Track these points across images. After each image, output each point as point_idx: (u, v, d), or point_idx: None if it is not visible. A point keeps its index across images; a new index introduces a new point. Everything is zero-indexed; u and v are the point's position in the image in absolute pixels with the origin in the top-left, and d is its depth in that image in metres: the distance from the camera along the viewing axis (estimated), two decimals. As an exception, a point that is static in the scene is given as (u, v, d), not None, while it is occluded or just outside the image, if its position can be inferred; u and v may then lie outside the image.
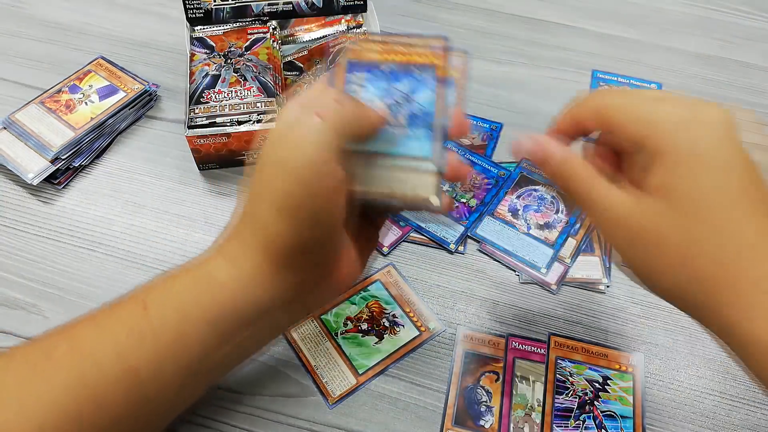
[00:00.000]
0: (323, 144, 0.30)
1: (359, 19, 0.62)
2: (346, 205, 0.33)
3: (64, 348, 0.32)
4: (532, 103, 0.62)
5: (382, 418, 0.42)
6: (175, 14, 0.66)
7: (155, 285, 0.33)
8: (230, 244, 0.33)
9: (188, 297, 0.32)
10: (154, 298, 0.33)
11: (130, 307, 0.33)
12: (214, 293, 0.32)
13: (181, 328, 0.32)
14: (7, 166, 0.53)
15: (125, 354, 0.31)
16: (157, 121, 0.59)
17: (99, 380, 0.31)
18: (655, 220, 0.30)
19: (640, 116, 0.30)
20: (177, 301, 0.32)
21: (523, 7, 0.71)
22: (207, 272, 0.33)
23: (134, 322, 0.32)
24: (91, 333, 0.32)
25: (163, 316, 0.32)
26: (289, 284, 0.33)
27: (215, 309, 0.32)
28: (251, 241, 0.32)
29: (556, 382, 0.44)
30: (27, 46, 0.64)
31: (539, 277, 0.49)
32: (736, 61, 0.66)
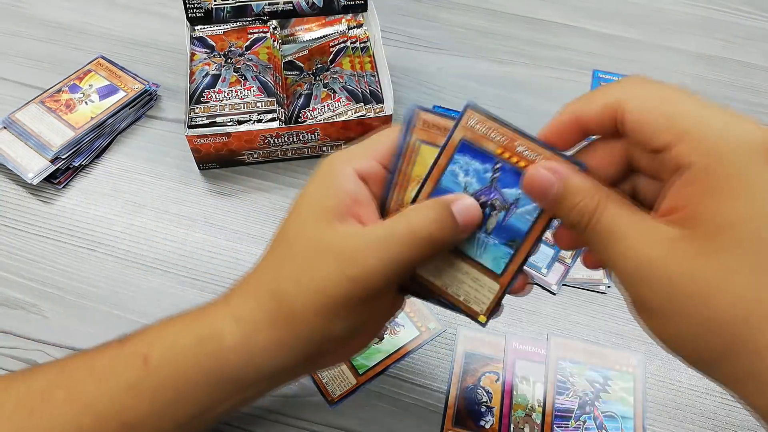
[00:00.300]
0: (399, 268, 0.28)
1: (359, 18, 0.62)
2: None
3: (62, 395, 0.31)
4: (533, 103, 0.62)
5: (382, 418, 0.42)
6: (175, 14, 0.66)
7: (157, 338, 0.32)
8: (245, 307, 0.31)
9: (191, 358, 0.31)
10: (155, 353, 0.31)
11: (130, 361, 0.31)
12: (219, 358, 0.31)
13: (180, 388, 0.31)
14: (7, 166, 0.53)
15: (123, 409, 0.31)
16: (157, 121, 0.59)
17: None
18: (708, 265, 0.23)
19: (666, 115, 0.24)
20: (179, 360, 0.31)
21: (523, 6, 0.71)
22: (213, 333, 0.31)
23: (134, 377, 0.31)
24: (90, 384, 0.31)
25: (163, 375, 0.31)
26: (300, 357, 0.31)
27: (217, 374, 0.31)
28: (272, 317, 0.30)
29: (557, 382, 0.44)
30: (27, 45, 0.64)
31: (540, 277, 0.49)
32: (737, 61, 0.66)
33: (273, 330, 0.30)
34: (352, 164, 0.31)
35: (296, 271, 0.30)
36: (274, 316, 0.30)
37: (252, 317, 0.31)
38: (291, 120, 0.55)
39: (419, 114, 0.31)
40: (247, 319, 0.31)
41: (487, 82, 0.63)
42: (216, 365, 0.31)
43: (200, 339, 0.31)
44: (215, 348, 0.31)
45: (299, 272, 0.30)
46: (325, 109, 0.55)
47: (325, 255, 0.29)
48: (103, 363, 0.32)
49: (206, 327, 0.31)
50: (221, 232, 0.52)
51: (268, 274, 0.32)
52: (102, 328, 0.46)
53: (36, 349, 0.45)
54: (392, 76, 0.56)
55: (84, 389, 0.31)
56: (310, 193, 0.31)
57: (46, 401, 0.31)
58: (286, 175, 0.55)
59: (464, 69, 0.64)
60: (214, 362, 0.31)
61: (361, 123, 0.53)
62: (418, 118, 0.31)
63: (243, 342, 0.30)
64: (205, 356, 0.31)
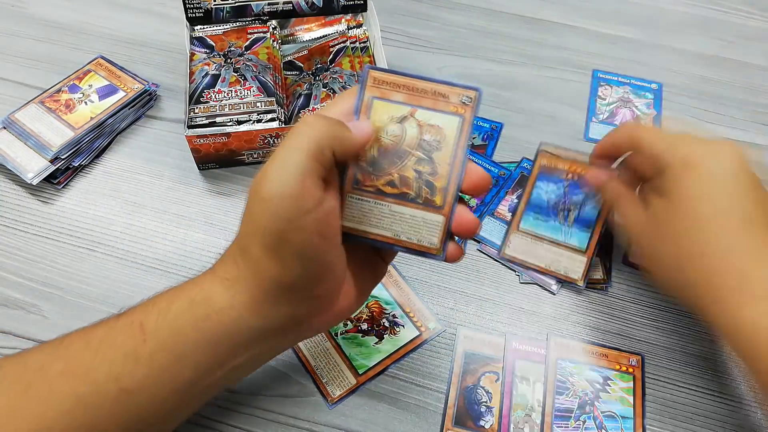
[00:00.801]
0: (301, 173, 0.29)
1: (359, 18, 0.62)
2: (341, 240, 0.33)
3: (59, 368, 0.31)
4: (533, 103, 0.62)
5: (382, 418, 0.42)
6: (175, 14, 0.66)
7: (152, 306, 0.33)
8: (227, 270, 0.33)
9: (185, 320, 0.32)
10: (150, 320, 0.32)
11: (127, 329, 0.32)
12: (211, 318, 0.32)
13: (177, 351, 0.32)
14: (6, 166, 0.53)
15: (121, 376, 0.31)
16: (157, 121, 0.59)
17: (95, 401, 0.31)
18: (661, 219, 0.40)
19: (664, 138, 0.41)
20: (173, 324, 0.32)
21: (523, 6, 0.71)
22: (204, 296, 0.32)
23: (130, 344, 0.32)
24: (87, 354, 0.32)
25: (159, 339, 0.32)
26: (282, 315, 0.33)
27: (211, 333, 0.32)
28: (245, 273, 0.32)
29: (557, 382, 0.44)
30: (27, 45, 0.64)
31: (539, 277, 0.49)
32: (737, 61, 0.66)
33: (250, 285, 0.32)
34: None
35: (250, 222, 0.31)
36: (248, 271, 0.32)
37: (233, 277, 0.32)
38: (291, 120, 0.55)
39: (370, 73, 0.34)
40: (231, 280, 0.32)
41: (487, 82, 0.63)
42: (209, 326, 0.32)
43: (192, 302, 0.32)
44: (207, 309, 0.32)
45: (251, 222, 0.31)
46: (325, 109, 0.55)
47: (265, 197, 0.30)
48: (100, 334, 0.33)
49: (197, 291, 0.33)
50: (221, 232, 0.52)
51: (239, 236, 0.33)
52: (102, 328, 0.46)
53: (36, 350, 0.45)
54: (392, 76, 0.56)
55: (81, 360, 0.32)
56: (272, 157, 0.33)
57: (43, 375, 0.31)
58: (285, 175, 0.55)
59: (464, 69, 0.64)
60: (207, 323, 0.32)
61: (360, 123, 0.53)
62: (369, 77, 0.34)
63: (230, 302, 0.32)
64: (198, 318, 0.32)
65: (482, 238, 0.51)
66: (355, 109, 0.34)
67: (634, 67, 0.65)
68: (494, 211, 0.53)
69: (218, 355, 0.32)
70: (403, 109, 0.33)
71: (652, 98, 0.63)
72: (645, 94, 0.63)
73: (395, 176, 0.33)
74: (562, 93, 0.63)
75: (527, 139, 0.58)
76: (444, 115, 0.33)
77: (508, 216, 0.52)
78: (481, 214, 0.52)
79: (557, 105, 0.62)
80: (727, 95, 0.63)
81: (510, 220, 0.51)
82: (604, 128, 0.60)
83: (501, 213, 0.52)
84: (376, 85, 0.33)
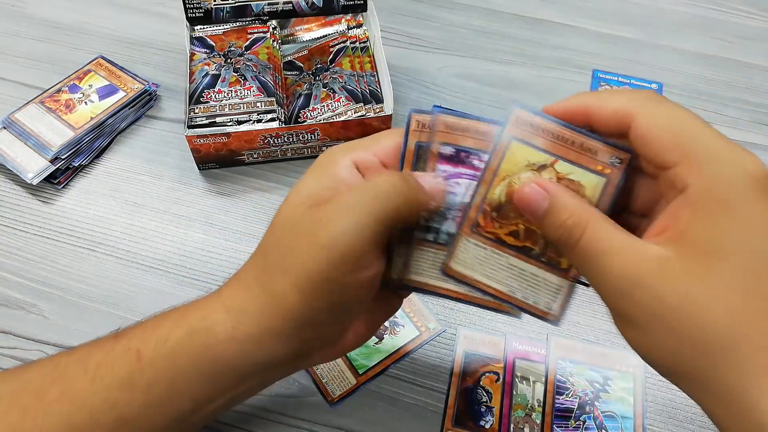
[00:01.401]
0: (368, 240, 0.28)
1: (359, 18, 0.62)
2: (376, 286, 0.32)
3: (55, 393, 0.31)
4: (533, 103, 0.61)
5: (382, 418, 0.42)
6: (175, 14, 0.66)
7: (151, 332, 0.32)
8: (235, 298, 0.31)
9: (183, 351, 0.31)
10: (148, 348, 0.31)
11: (124, 356, 0.32)
12: (211, 351, 0.31)
13: (174, 382, 0.31)
14: (6, 166, 0.53)
15: (117, 404, 0.31)
16: (157, 121, 0.59)
17: (90, 429, 0.30)
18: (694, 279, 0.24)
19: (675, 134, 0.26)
20: (171, 354, 0.31)
21: (523, 6, 0.71)
22: (206, 326, 0.31)
23: (127, 372, 0.31)
24: (84, 381, 0.31)
25: (156, 369, 0.31)
26: (291, 349, 0.31)
27: (210, 366, 0.31)
28: (258, 304, 0.30)
29: (557, 382, 0.44)
30: (27, 45, 0.64)
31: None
32: (737, 61, 0.66)
33: (261, 317, 0.30)
34: (350, 155, 0.32)
35: (278, 253, 0.30)
36: (261, 303, 0.30)
37: (241, 307, 0.31)
38: (291, 120, 0.55)
39: (514, 111, 0.30)
40: (237, 309, 0.31)
41: (487, 82, 0.63)
42: (209, 357, 0.31)
43: (192, 331, 0.31)
44: (207, 340, 0.31)
45: (280, 254, 0.30)
46: (325, 109, 0.55)
47: (303, 233, 0.29)
48: (97, 359, 0.32)
49: (198, 319, 0.31)
50: (221, 232, 0.52)
51: (256, 262, 0.32)
52: (102, 328, 0.46)
53: (36, 349, 0.45)
54: (392, 76, 0.56)
55: (78, 386, 0.31)
56: (302, 181, 0.32)
57: (39, 399, 0.31)
58: (286, 175, 0.55)
59: (464, 69, 0.64)
60: (207, 354, 0.31)
61: (360, 123, 0.53)
62: (513, 115, 0.30)
63: (234, 333, 0.30)
64: (198, 349, 0.31)
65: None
66: (492, 150, 0.30)
67: (634, 67, 0.65)
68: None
69: (217, 387, 0.32)
70: (544, 157, 0.29)
71: (652, 98, 0.63)
72: (645, 94, 0.63)
73: (520, 227, 0.30)
74: (562, 93, 0.62)
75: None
76: (587, 173, 0.29)
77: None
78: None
79: (557, 105, 0.62)
80: (727, 95, 0.63)
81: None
82: (604, 128, 0.60)
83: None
84: (518, 125, 0.30)
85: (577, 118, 0.29)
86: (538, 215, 0.29)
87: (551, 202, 0.28)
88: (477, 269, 0.31)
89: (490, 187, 0.30)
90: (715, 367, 0.23)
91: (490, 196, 0.30)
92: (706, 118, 0.27)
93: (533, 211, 0.29)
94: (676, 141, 0.25)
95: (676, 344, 0.24)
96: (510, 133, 0.30)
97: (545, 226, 0.29)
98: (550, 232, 0.28)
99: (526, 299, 0.31)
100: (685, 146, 0.25)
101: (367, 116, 0.54)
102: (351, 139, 0.54)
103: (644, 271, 0.24)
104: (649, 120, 0.26)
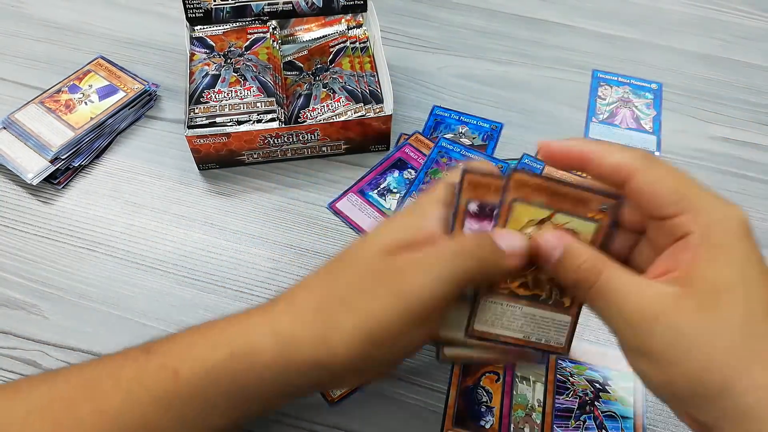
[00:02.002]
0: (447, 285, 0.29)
1: (359, 18, 0.62)
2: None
3: (88, 408, 0.31)
4: (532, 103, 0.62)
5: (382, 418, 0.42)
6: (175, 14, 0.66)
7: (188, 351, 0.32)
8: (285, 321, 0.31)
9: (222, 373, 0.30)
10: (186, 367, 0.31)
11: (159, 373, 0.31)
12: (252, 374, 0.30)
13: (210, 402, 0.31)
14: (6, 166, 0.53)
15: (151, 422, 0.30)
16: (157, 121, 0.59)
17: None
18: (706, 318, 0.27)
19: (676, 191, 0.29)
20: (211, 375, 0.31)
21: (523, 6, 0.71)
22: (248, 348, 0.31)
23: (163, 390, 0.31)
24: (116, 397, 0.31)
25: (193, 388, 0.31)
26: (331, 380, 0.32)
27: (249, 389, 0.31)
28: (314, 336, 0.30)
29: (557, 382, 0.44)
30: (27, 46, 0.64)
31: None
32: (737, 61, 0.66)
33: (311, 350, 0.30)
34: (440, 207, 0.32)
35: (348, 293, 0.30)
36: (315, 336, 0.30)
37: (292, 333, 0.30)
38: (291, 120, 0.55)
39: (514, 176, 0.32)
40: (286, 335, 0.30)
41: (486, 82, 0.63)
42: (248, 382, 0.31)
43: (233, 354, 0.31)
44: (249, 364, 0.30)
45: (351, 294, 0.30)
46: (325, 110, 0.55)
47: (380, 277, 0.30)
48: (130, 375, 0.31)
49: (241, 341, 0.31)
50: (221, 233, 0.52)
51: (317, 291, 0.32)
52: (102, 328, 0.46)
53: (36, 350, 0.45)
54: (392, 76, 0.56)
55: (111, 403, 0.31)
56: (389, 222, 0.33)
57: (71, 413, 0.31)
58: (286, 176, 0.55)
59: (464, 69, 0.64)
60: (247, 378, 0.31)
61: (360, 123, 0.53)
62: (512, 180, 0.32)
63: (279, 360, 0.30)
64: (238, 373, 0.30)
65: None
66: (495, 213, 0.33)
67: (634, 67, 0.65)
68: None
69: (251, 407, 0.32)
70: (543, 213, 0.33)
71: (652, 98, 0.63)
72: (645, 94, 0.63)
73: (529, 278, 0.33)
74: (562, 93, 0.63)
75: (527, 139, 0.58)
76: (581, 221, 0.32)
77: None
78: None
79: (557, 105, 0.62)
80: (727, 95, 0.63)
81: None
82: (604, 128, 0.60)
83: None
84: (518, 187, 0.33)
85: (574, 163, 0.32)
86: (551, 262, 0.31)
87: (565, 250, 0.30)
88: (496, 324, 0.34)
89: None
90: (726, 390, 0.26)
91: None
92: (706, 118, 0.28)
93: (548, 259, 0.31)
94: (677, 196, 0.28)
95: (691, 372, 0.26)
96: (512, 196, 0.32)
97: (561, 272, 0.31)
98: (566, 276, 0.31)
99: (539, 340, 0.34)
100: (685, 200, 0.28)
101: (367, 116, 0.54)
102: (351, 138, 0.54)
103: (661, 306, 0.27)
104: (648, 177, 0.29)
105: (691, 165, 0.57)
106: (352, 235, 0.52)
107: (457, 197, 0.33)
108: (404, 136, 0.58)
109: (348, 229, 0.52)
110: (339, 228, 0.52)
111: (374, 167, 0.56)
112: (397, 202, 0.53)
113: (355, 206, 0.53)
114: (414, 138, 0.58)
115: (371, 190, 0.54)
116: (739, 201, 0.58)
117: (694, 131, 0.60)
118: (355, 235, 0.52)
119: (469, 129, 0.59)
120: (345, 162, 0.56)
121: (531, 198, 0.32)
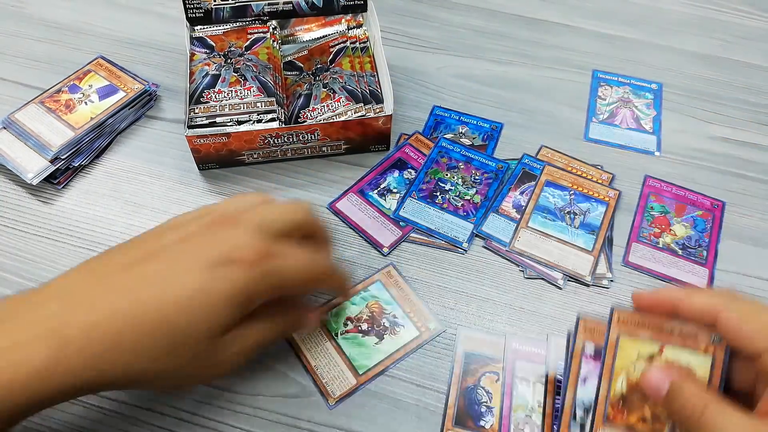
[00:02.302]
0: (231, 316, 0.33)
1: (359, 18, 0.62)
2: None
3: None
4: (532, 103, 0.62)
5: (382, 419, 0.42)
6: (175, 14, 0.66)
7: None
8: (64, 327, 0.31)
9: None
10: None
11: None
12: (26, 379, 0.30)
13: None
14: (6, 166, 0.53)
15: None
16: (157, 121, 0.59)
17: None
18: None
19: (762, 328, 0.31)
20: None
21: (523, 6, 0.71)
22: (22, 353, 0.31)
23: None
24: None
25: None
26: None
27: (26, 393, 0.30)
28: (100, 347, 0.31)
29: (557, 382, 0.44)
30: (27, 45, 0.64)
31: (545, 272, 0.49)
32: (737, 61, 0.66)
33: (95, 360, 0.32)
34: None
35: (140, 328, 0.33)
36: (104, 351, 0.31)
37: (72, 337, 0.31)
38: (291, 120, 0.55)
39: (615, 313, 0.36)
40: (65, 339, 0.31)
41: (486, 82, 0.63)
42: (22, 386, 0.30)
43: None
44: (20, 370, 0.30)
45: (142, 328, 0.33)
46: (325, 110, 0.55)
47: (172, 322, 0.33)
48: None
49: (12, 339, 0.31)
50: (221, 233, 0.51)
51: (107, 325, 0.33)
52: (102, 329, 0.46)
53: (36, 350, 0.45)
54: (392, 76, 0.56)
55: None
56: None
57: None
58: (286, 176, 0.55)
59: (464, 69, 0.64)
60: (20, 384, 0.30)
61: (360, 123, 0.53)
62: (614, 317, 0.35)
63: (52, 364, 0.31)
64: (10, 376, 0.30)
65: (488, 235, 0.51)
66: (603, 348, 0.35)
67: (634, 67, 0.65)
68: (498, 207, 0.53)
69: (26, 409, 0.31)
70: (652, 347, 0.34)
71: (652, 98, 0.63)
72: (645, 94, 0.63)
73: (647, 412, 0.34)
74: (562, 93, 0.63)
75: (527, 139, 0.58)
76: (695, 355, 0.34)
77: (512, 212, 0.52)
78: (486, 210, 0.52)
79: (557, 105, 0.62)
80: (727, 95, 0.63)
81: (519, 218, 0.52)
82: (604, 128, 0.60)
83: (505, 210, 0.52)
84: (620, 324, 0.35)
85: (664, 309, 0.34)
86: (659, 397, 0.33)
87: (670, 387, 0.32)
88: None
89: (611, 382, 0.35)
90: None
91: (613, 389, 0.35)
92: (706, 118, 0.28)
93: (655, 394, 0.33)
94: (762, 333, 0.30)
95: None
96: (616, 332, 0.35)
97: (668, 407, 0.33)
98: (673, 411, 0.33)
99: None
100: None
101: (367, 116, 0.54)
102: (351, 138, 0.54)
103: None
104: (735, 315, 0.31)
105: (691, 165, 0.57)
106: (352, 235, 0.52)
107: (607, 332, 0.35)
108: (404, 136, 0.58)
109: (348, 229, 0.52)
110: (339, 228, 0.52)
111: (374, 167, 0.56)
112: (396, 202, 0.53)
113: (355, 206, 0.53)
114: (414, 138, 0.58)
115: (371, 190, 0.54)
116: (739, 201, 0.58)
117: (694, 131, 0.60)
118: (355, 234, 0.52)
119: (469, 129, 0.59)
120: (345, 162, 0.56)
121: (636, 333, 0.34)
